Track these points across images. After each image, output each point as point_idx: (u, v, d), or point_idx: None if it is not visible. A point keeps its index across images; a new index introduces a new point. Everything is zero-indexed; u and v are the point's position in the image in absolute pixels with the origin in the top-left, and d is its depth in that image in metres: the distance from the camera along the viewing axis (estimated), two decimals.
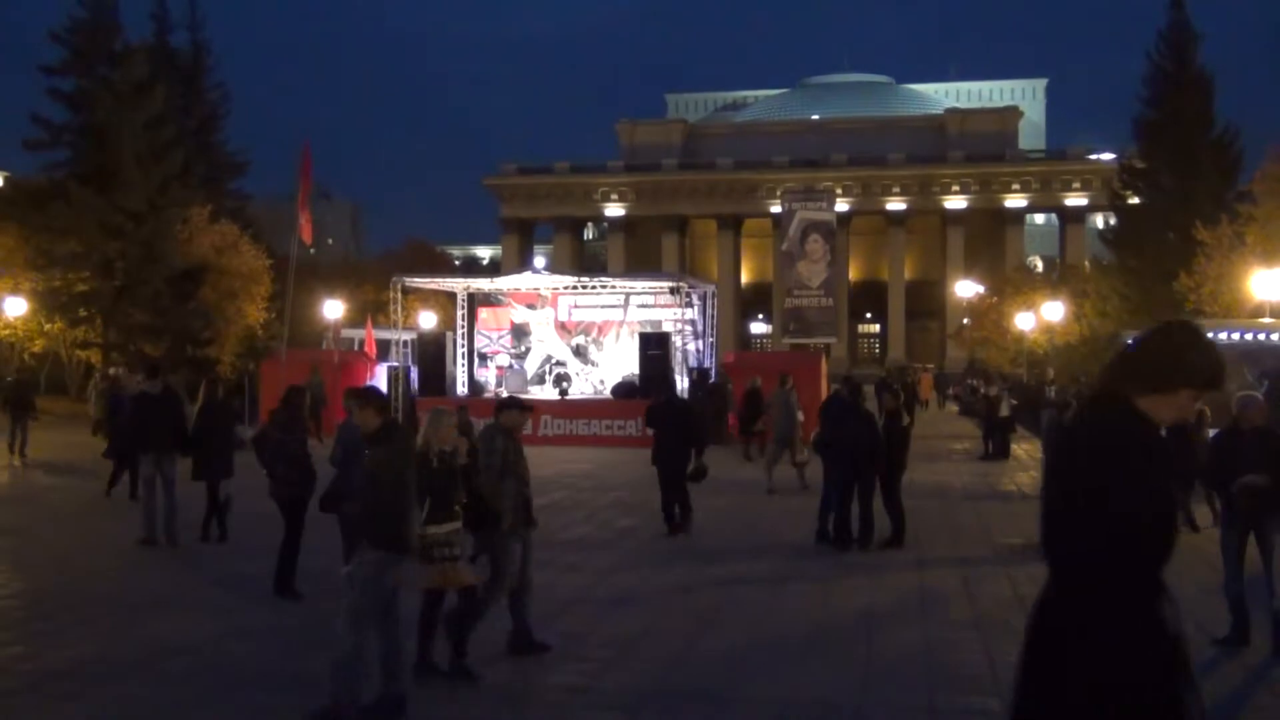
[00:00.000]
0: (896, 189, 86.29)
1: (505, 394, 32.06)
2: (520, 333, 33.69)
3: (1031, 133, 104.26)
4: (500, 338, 33.89)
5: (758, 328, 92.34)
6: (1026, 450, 27.43)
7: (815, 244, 61.80)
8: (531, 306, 33.53)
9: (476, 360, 33.34)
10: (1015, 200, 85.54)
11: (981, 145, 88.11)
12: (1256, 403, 9.29)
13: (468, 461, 8.20)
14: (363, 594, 7.10)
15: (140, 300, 35.42)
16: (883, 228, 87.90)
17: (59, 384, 39.19)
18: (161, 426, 13.59)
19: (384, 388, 30.92)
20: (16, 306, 34.01)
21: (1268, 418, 9.21)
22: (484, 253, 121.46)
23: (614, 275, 41.27)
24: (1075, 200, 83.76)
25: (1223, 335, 20.06)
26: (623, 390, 29.95)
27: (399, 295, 31.62)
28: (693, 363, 30.60)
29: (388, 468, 7.25)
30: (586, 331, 33.14)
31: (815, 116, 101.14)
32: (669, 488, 14.34)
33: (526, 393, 31.85)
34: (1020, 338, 45.38)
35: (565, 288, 33.09)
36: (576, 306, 33.31)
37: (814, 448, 14.75)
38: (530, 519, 8.64)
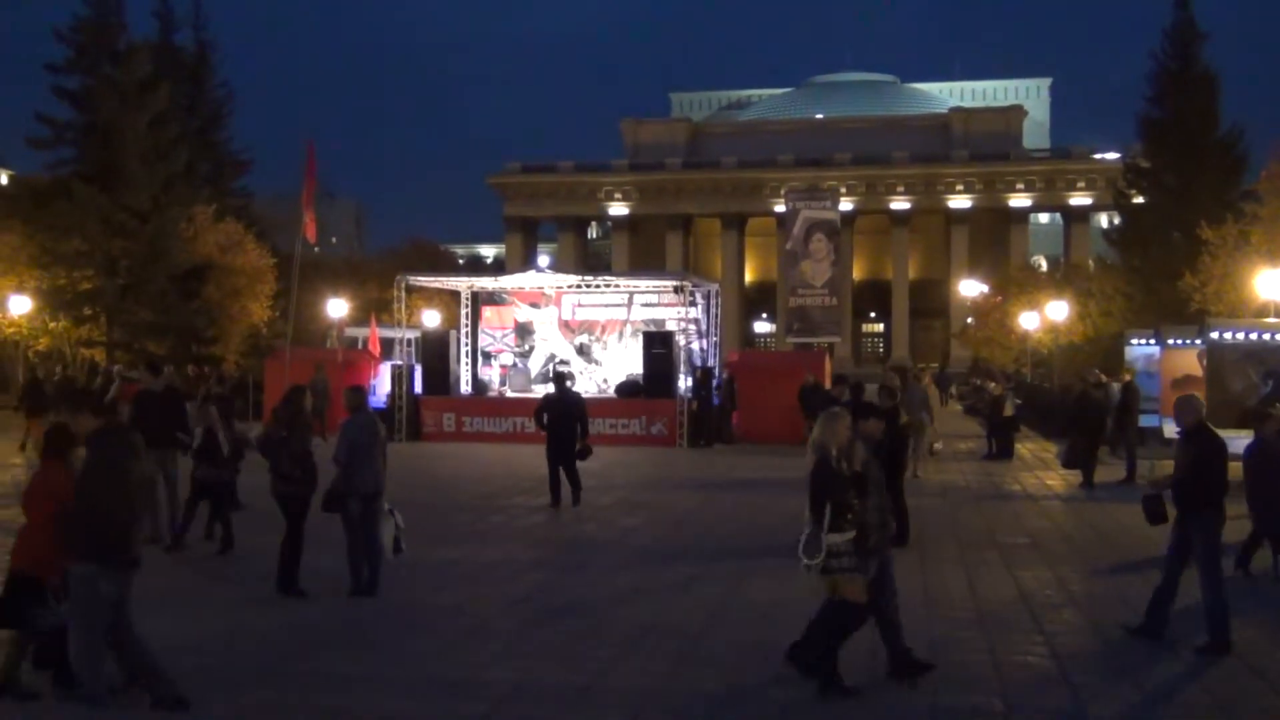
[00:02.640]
0: (901, 188, 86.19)
1: (509, 393, 32.21)
2: (524, 331, 33.66)
3: (1036, 132, 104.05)
4: (504, 336, 33.86)
5: (761, 327, 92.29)
6: (1031, 450, 27.38)
7: (819, 243, 61.72)
8: (535, 305, 33.50)
9: (480, 359, 33.33)
10: (1019, 199, 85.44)
11: (986, 144, 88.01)
12: (1189, 404, 9.34)
13: (860, 470, 7.90)
14: (80, 613, 6.72)
15: (145, 299, 35.47)
16: (887, 227, 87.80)
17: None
18: (163, 424, 13.57)
19: (388, 386, 30.96)
20: (21, 305, 34.04)
21: (1200, 420, 9.26)
22: (488, 251, 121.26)
23: (618, 274, 41.20)
24: (1079, 199, 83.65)
25: (1227, 335, 20.04)
26: (626, 389, 29.95)
27: (403, 294, 31.62)
28: (697, 361, 30.56)
29: (102, 473, 6.86)
30: (590, 330, 33.10)
31: (819, 115, 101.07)
32: (561, 466, 16.70)
33: (530, 392, 31.85)
34: (1024, 337, 45.30)
35: (569, 287, 33.06)
36: (580, 305, 33.26)
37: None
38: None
